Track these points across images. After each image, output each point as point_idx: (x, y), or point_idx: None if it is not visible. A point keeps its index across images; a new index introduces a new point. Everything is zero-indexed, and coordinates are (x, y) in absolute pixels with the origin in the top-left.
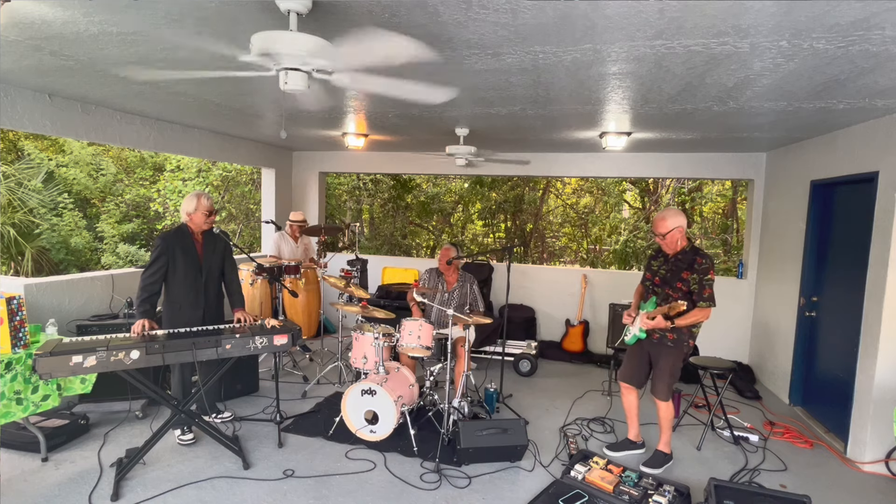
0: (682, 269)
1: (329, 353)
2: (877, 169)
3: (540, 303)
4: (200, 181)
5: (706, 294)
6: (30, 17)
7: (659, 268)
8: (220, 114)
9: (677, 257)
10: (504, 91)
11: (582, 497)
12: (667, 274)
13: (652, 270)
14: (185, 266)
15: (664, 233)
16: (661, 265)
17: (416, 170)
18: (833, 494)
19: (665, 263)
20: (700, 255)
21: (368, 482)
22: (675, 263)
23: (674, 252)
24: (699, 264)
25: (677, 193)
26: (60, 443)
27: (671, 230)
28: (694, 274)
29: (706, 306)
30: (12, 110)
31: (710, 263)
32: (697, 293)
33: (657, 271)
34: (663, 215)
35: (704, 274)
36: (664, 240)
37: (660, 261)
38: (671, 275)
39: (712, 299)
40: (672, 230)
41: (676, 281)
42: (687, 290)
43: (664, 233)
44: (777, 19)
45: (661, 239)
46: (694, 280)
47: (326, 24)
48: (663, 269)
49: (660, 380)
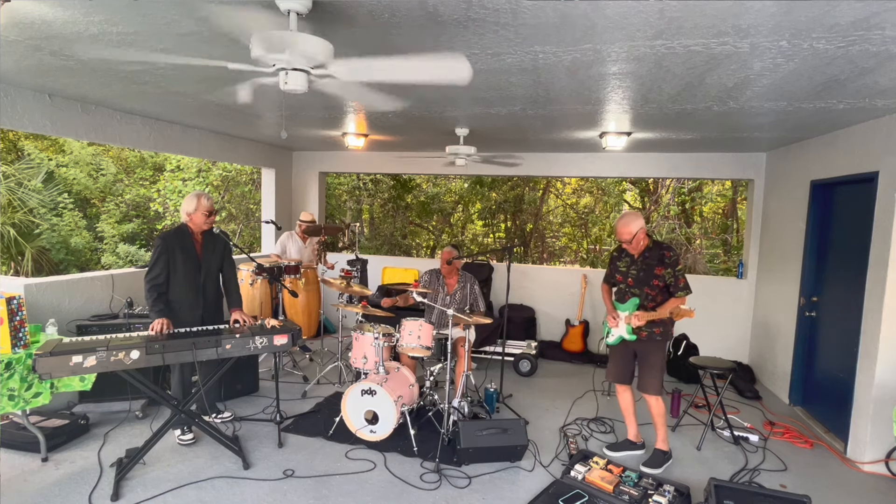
0: (653, 267)
1: (329, 353)
2: (877, 169)
3: (540, 303)
4: (200, 181)
5: (681, 284)
6: (30, 17)
7: (628, 269)
8: (220, 114)
9: (644, 256)
10: (504, 91)
11: (582, 497)
12: (639, 273)
13: (621, 272)
14: (185, 266)
15: (629, 238)
16: (629, 266)
17: (416, 170)
18: (833, 494)
19: (633, 264)
20: (664, 248)
21: (368, 482)
22: (644, 262)
23: (639, 252)
24: (668, 258)
25: (677, 193)
26: (60, 443)
27: (635, 234)
28: (667, 269)
29: (683, 294)
30: (12, 110)
31: (677, 253)
32: (674, 284)
33: (627, 272)
34: (625, 221)
35: (675, 266)
36: (630, 244)
37: (625, 261)
38: (644, 274)
39: (688, 287)
40: (636, 233)
41: (651, 279)
42: (663, 284)
43: (629, 238)
44: (777, 19)
45: (627, 244)
46: (669, 274)
47: (326, 25)
48: (633, 269)
49: (651, 375)
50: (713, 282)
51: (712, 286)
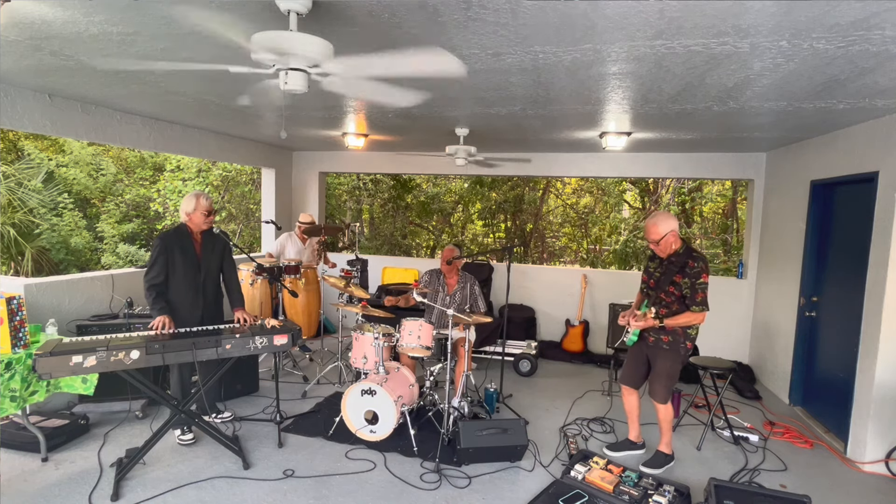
0: (673, 273)
1: (329, 353)
2: (877, 169)
3: (540, 303)
4: (200, 181)
5: (699, 298)
6: (30, 17)
7: (655, 270)
8: (220, 114)
9: (670, 260)
10: (504, 91)
11: (582, 497)
12: (660, 277)
13: (648, 273)
14: (184, 266)
15: (657, 239)
16: (656, 267)
17: (416, 170)
18: (833, 494)
19: (660, 266)
20: (693, 257)
21: (368, 482)
22: (667, 266)
23: (667, 255)
24: (691, 268)
25: (677, 193)
26: (60, 443)
27: (664, 235)
28: (686, 278)
29: (699, 310)
30: (12, 110)
31: (704, 266)
32: (690, 297)
33: (653, 273)
34: (655, 221)
35: (696, 278)
36: (658, 245)
37: (656, 262)
38: (664, 278)
39: (705, 303)
40: (665, 235)
41: (668, 285)
42: (679, 294)
43: (657, 239)
44: (777, 19)
45: (654, 245)
46: (686, 284)
47: (326, 25)
48: (658, 271)
49: (657, 382)
50: (713, 282)
51: (712, 286)
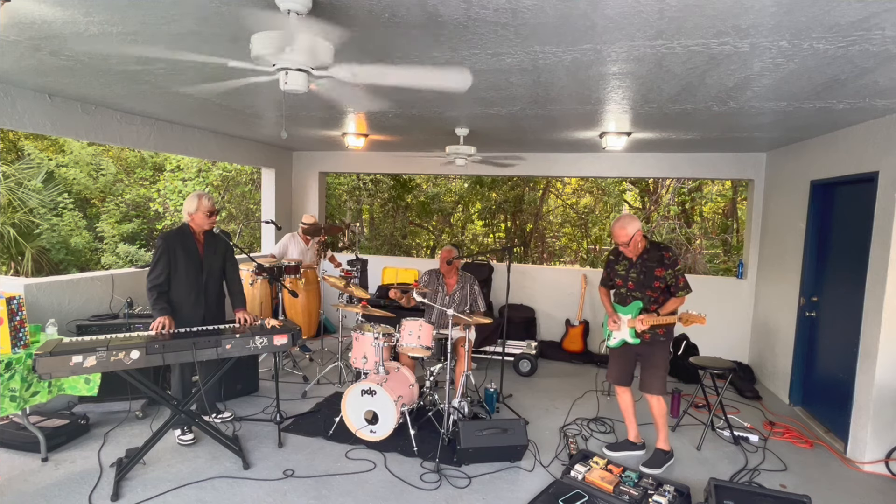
0: (653, 269)
1: (329, 353)
2: (877, 169)
3: (540, 303)
4: (200, 181)
5: (681, 283)
6: (30, 17)
7: (627, 272)
8: (220, 114)
9: (643, 258)
10: (504, 91)
11: (582, 497)
12: (640, 276)
13: (620, 276)
14: (187, 266)
15: (627, 241)
16: (628, 269)
17: (416, 170)
18: (833, 494)
19: (632, 266)
20: (662, 248)
21: (368, 482)
22: (644, 265)
23: (637, 254)
24: (668, 258)
25: (677, 193)
26: (60, 443)
27: (633, 236)
28: (668, 269)
29: (684, 294)
30: (12, 110)
31: (676, 254)
32: (674, 285)
33: (627, 276)
34: (622, 224)
35: (675, 266)
36: (628, 247)
37: (624, 264)
38: (645, 277)
39: (688, 286)
40: (633, 235)
41: (653, 281)
42: (664, 286)
43: (627, 241)
44: (777, 19)
45: (624, 247)
46: (669, 275)
47: (326, 25)
48: (633, 272)
49: (654, 376)
50: (713, 282)
51: (712, 286)
